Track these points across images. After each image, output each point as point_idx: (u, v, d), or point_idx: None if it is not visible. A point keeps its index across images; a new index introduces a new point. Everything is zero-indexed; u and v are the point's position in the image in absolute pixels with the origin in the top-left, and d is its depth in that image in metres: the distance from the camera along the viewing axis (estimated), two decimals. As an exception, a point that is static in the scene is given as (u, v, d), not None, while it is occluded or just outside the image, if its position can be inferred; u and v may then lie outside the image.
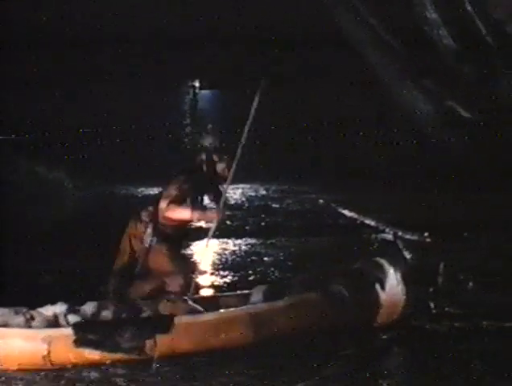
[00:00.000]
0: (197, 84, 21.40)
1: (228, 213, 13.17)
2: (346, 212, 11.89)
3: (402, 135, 12.39)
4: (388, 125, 12.84)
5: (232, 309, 6.23)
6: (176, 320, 5.89)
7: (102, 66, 17.81)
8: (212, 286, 8.18)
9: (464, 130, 10.09)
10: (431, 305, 7.15)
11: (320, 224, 11.71)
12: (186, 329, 5.88)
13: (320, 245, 10.47)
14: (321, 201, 13.22)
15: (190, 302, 6.29)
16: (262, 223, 12.23)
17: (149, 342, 5.78)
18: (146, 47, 17.35)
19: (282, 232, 11.20)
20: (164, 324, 5.87)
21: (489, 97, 10.18)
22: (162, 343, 5.79)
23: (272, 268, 9.04)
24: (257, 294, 6.49)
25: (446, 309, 7.12)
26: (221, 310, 6.23)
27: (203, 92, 21.43)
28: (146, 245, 6.37)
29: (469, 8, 10.34)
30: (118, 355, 5.74)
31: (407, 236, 10.05)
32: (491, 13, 6.93)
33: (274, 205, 13.69)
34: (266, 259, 9.64)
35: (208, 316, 6.08)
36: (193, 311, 6.23)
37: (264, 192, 15.10)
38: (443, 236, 10.06)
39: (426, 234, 10.08)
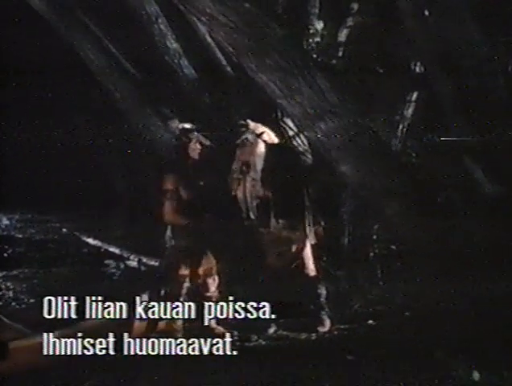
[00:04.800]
0: None
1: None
2: (90, 240, 11.82)
3: (145, 164, 12.50)
4: (132, 153, 12.91)
5: None
6: None
7: None
8: None
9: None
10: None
11: (63, 254, 11.56)
12: None
13: (64, 275, 10.34)
14: (65, 230, 13.05)
15: None
16: (5, 255, 11.86)
17: None
18: None
19: (25, 264, 10.94)
20: None
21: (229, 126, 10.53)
22: None
23: (14, 303, 8.80)
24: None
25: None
26: None
27: None
28: None
29: (209, 39, 10.68)
30: None
31: (152, 263, 10.16)
32: (227, 45, 7.21)
33: (17, 235, 13.32)
34: (7, 293, 9.35)
35: None
36: None
37: (7, 222, 14.65)
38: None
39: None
